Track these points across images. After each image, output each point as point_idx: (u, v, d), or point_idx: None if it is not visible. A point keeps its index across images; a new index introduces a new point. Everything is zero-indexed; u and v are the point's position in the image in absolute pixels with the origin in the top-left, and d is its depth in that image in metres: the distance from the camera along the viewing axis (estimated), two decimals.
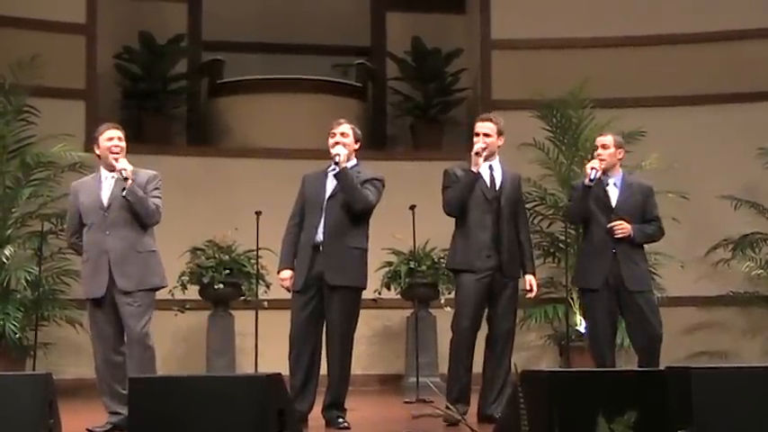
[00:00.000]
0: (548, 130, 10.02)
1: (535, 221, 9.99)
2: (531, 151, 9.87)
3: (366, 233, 6.16)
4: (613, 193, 6.44)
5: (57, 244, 9.34)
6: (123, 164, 5.92)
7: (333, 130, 6.13)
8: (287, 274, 6.11)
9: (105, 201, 5.95)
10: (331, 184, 6.10)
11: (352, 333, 6.13)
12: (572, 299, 9.52)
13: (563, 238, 9.49)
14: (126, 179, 5.86)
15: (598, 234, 6.38)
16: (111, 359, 5.92)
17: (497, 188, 6.23)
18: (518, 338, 9.97)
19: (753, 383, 4.27)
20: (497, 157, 6.31)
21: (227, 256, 9.14)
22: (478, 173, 6.16)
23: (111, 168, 5.99)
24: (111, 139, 6.01)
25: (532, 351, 10.16)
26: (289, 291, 6.14)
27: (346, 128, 6.16)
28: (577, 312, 9.51)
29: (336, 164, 5.98)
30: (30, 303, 9.01)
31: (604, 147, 6.47)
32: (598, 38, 10.63)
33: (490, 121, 6.29)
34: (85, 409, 7.15)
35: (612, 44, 10.63)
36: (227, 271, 9.10)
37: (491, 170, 6.26)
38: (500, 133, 6.27)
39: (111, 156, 5.95)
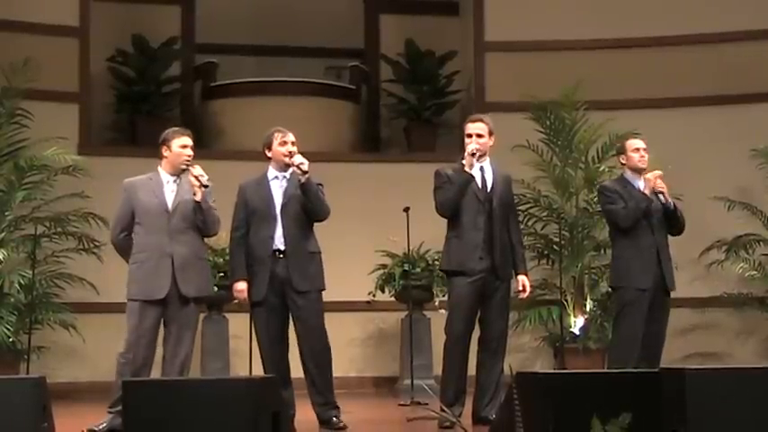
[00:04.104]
0: (541, 131, 10.02)
1: (529, 223, 9.99)
2: (525, 153, 9.87)
3: (315, 237, 6.20)
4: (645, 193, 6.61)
5: (50, 247, 9.34)
6: (200, 170, 5.92)
7: (284, 139, 6.08)
8: (243, 285, 6.08)
9: (170, 204, 5.96)
10: (279, 191, 6.10)
11: (325, 328, 6.14)
12: (566, 300, 9.54)
13: (557, 240, 9.50)
14: (206, 186, 5.88)
15: (643, 235, 6.49)
16: (149, 359, 5.92)
17: (489, 189, 6.22)
18: (512, 340, 10.00)
19: (747, 385, 4.27)
20: (488, 158, 6.32)
21: (220, 259, 9.11)
22: (473, 176, 6.15)
23: (178, 173, 5.99)
24: (185, 146, 6.01)
25: (527, 353, 10.16)
26: (245, 302, 6.14)
27: (293, 137, 6.14)
28: (571, 314, 9.53)
29: (305, 173, 5.94)
30: (23, 307, 9.00)
31: (646, 150, 6.64)
32: (592, 40, 10.64)
33: (481, 121, 6.30)
34: (79, 412, 7.14)
35: (606, 46, 10.64)
36: (221, 274, 9.08)
37: (482, 171, 6.24)
38: (491, 133, 6.28)
39: (183, 162, 5.95)
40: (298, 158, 5.97)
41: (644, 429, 3.95)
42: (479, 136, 6.21)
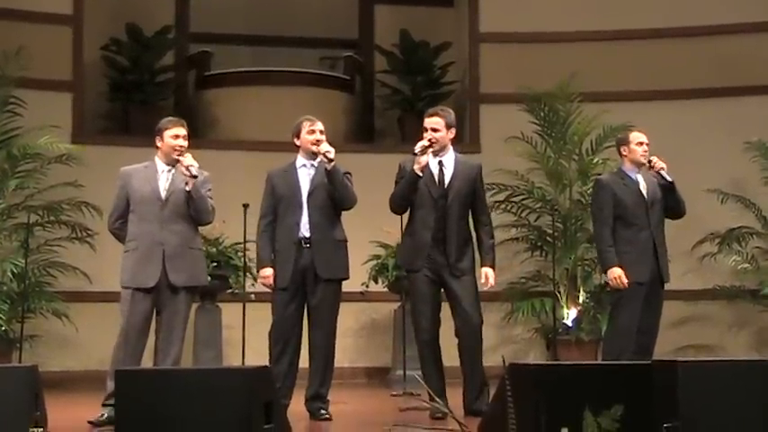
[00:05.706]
0: (535, 123, 10.02)
1: (522, 215, 10.00)
2: (519, 144, 9.87)
3: (342, 226, 6.22)
4: (642, 186, 6.62)
5: (43, 236, 9.33)
6: (190, 160, 5.91)
7: (312, 127, 6.12)
8: (269, 271, 6.12)
9: (163, 193, 5.96)
10: (306, 179, 6.13)
11: (336, 324, 6.20)
12: (559, 292, 9.55)
13: (550, 231, 9.50)
14: (195, 177, 5.86)
15: (641, 228, 6.50)
16: (140, 347, 5.91)
17: (446, 185, 6.13)
18: (505, 332, 10.06)
19: (738, 377, 4.27)
20: (450, 151, 6.23)
21: (214, 249, 9.12)
22: (420, 175, 6.05)
23: (172, 163, 5.98)
24: (176, 137, 6.00)
25: (519, 344, 10.17)
26: (270, 288, 6.15)
27: (322, 125, 6.16)
28: (564, 306, 9.54)
29: (330, 161, 5.97)
30: (16, 296, 8.99)
31: (648, 145, 6.65)
32: (586, 31, 10.64)
33: (437, 115, 6.21)
34: (71, 401, 7.14)
35: (600, 38, 10.64)
36: (215, 264, 9.09)
37: (441, 165, 6.16)
38: (449, 126, 6.18)
39: (175, 152, 5.94)
40: (324, 146, 6.01)
41: (636, 421, 3.97)
42: (435, 130, 6.14)
